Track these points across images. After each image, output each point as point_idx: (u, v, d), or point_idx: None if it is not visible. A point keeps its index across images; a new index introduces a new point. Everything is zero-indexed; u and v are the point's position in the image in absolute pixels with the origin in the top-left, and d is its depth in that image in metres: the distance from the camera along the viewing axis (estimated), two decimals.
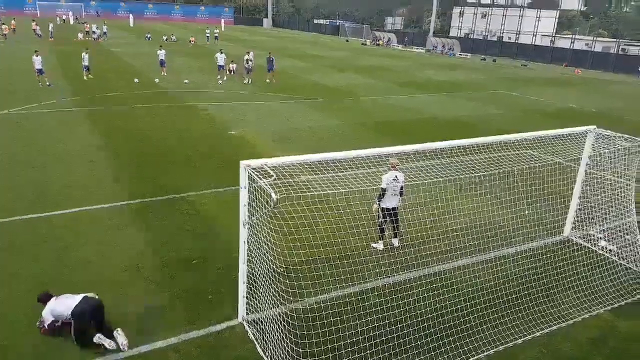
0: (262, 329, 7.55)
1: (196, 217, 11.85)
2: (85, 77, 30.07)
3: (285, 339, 7.06)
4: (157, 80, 31.33)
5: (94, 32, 59.52)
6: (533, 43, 75.40)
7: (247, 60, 32.95)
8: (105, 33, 60.47)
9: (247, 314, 8.00)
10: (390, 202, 10.24)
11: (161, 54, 33.64)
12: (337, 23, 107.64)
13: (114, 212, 11.83)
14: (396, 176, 10.23)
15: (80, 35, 57.97)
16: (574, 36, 75.89)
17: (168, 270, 9.40)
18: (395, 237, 10.67)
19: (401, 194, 10.40)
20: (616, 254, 10.75)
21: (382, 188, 10.15)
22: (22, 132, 18.03)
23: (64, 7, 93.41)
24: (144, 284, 8.88)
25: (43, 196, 12.42)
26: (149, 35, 62.00)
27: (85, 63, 30.19)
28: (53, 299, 7.37)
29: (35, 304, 7.53)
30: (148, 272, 9.28)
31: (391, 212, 10.34)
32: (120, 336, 7.12)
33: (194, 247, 10.33)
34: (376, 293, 8.78)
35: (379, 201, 10.25)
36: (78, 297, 7.27)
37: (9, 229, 10.69)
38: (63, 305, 7.20)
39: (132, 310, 8.09)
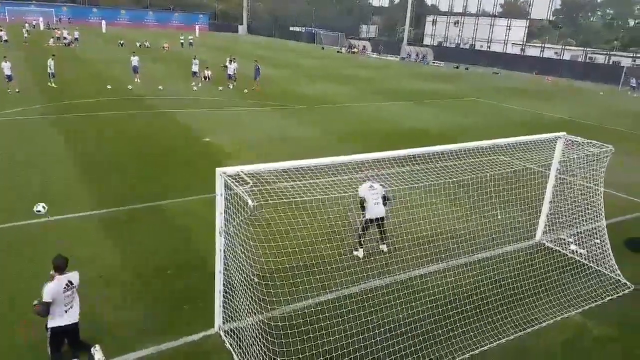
0: (239, 337, 7.49)
1: (171, 225, 11.69)
2: (49, 84, 29.31)
3: (262, 348, 7.01)
4: (130, 87, 30.90)
5: (65, 37, 58.53)
6: (504, 51, 77.18)
7: (229, 65, 33.67)
8: (76, 39, 59.46)
9: (224, 322, 7.93)
10: (374, 211, 10.29)
11: (134, 60, 33.25)
12: (313, 31, 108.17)
13: (87, 220, 11.59)
14: (371, 185, 10.33)
15: (51, 41, 56.90)
16: (543, 45, 77.97)
17: (143, 279, 9.24)
18: (384, 243, 10.74)
19: (385, 203, 10.46)
20: (586, 257, 11.02)
21: (360, 197, 10.23)
22: None
23: (35, 13, 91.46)
24: (118, 294, 8.72)
25: (17, 204, 12.12)
26: (121, 42, 61.20)
27: (51, 70, 29.47)
28: (56, 281, 6.62)
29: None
30: (122, 282, 9.11)
31: (377, 222, 10.42)
32: (97, 352, 6.92)
33: (170, 255, 10.19)
34: (353, 299, 8.78)
35: (362, 212, 10.30)
36: (67, 318, 6.69)
37: None
38: (54, 306, 6.63)
39: (106, 321, 7.94)
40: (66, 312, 6.72)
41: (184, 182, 14.52)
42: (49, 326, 6.70)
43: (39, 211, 10.07)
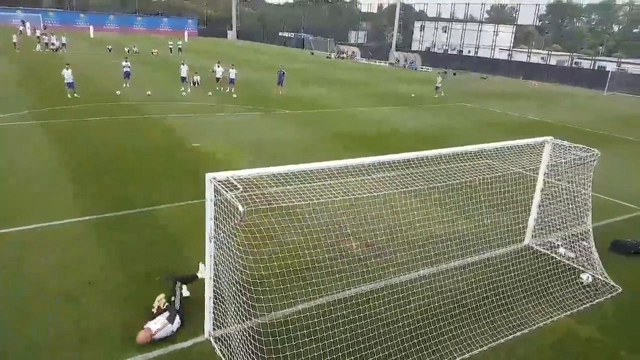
0: (230, 344, 7.44)
1: (160, 231, 11.60)
2: (69, 96, 27.95)
3: (253, 354, 6.97)
4: (118, 92, 30.68)
5: (52, 43, 58.03)
6: (491, 57, 77.89)
7: (223, 71, 34.73)
8: (64, 44, 58.99)
9: (214, 329, 7.87)
10: None
11: (126, 65, 33.06)
12: (302, 36, 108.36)
13: (75, 227, 11.47)
14: None
15: (38, 47, 56.41)
16: (530, 50, 78.85)
17: (131, 286, 9.15)
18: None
19: None
20: (574, 260, 11.11)
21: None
22: None
23: (21, 17, 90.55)
24: (106, 301, 8.62)
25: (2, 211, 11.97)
26: (110, 47, 60.81)
27: (69, 80, 28.00)
28: None
29: None
30: (110, 288, 9.01)
31: None
32: None
33: (158, 262, 10.09)
34: (343, 304, 8.78)
35: None
36: None
37: None
38: None
39: (93, 328, 7.85)
40: None
41: (172, 187, 14.42)
42: None
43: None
